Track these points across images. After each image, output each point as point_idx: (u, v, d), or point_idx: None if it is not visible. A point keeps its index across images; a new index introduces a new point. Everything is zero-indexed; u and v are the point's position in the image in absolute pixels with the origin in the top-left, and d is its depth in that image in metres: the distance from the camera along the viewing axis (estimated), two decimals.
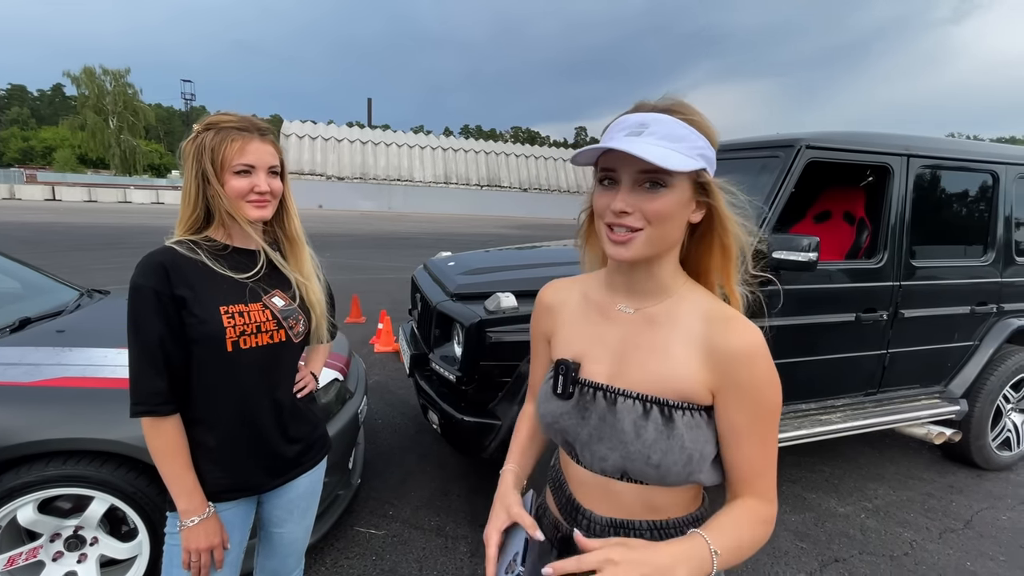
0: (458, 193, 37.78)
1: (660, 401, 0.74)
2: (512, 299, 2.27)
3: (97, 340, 2.08)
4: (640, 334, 0.78)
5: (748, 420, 0.72)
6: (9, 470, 1.61)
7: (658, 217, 0.71)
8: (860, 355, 2.77)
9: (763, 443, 0.73)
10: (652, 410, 0.74)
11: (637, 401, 0.75)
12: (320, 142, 35.19)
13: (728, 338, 0.72)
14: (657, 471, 0.73)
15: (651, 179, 0.70)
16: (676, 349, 0.75)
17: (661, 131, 0.69)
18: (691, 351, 0.74)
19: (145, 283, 1.02)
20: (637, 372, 0.76)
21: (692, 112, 0.73)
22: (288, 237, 1.23)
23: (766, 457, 0.74)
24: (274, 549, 1.29)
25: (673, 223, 0.73)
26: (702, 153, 0.71)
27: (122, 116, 53.26)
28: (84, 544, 1.77)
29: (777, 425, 0.74)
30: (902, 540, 2.53)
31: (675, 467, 0.73)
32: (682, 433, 0.72)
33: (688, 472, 0.73)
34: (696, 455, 0.73)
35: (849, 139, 2.61)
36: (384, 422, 3.55)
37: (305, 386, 1.28)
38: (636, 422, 0.74)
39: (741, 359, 0.71)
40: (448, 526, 2.47)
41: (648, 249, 0.73)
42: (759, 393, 0.71)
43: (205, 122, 1.08)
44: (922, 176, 2.77)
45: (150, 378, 1.03)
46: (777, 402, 0.73)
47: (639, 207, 0.71)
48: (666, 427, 0.73)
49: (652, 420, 0.73)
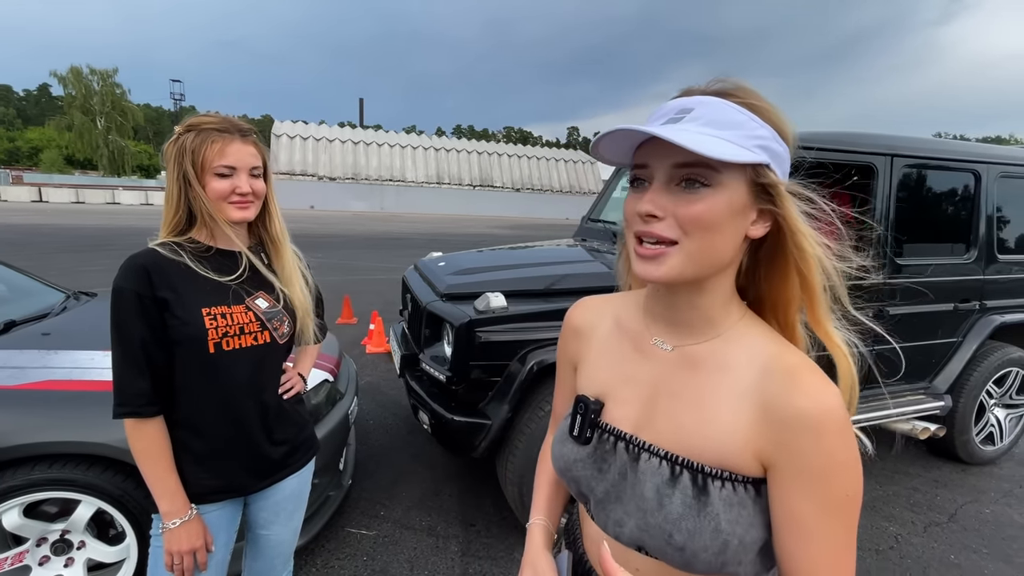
0: (450, 193, 37.74)
1: (693, 466, 0.58)
2: (501, 299, 2.28)
3: (83, 342, 2.07)
4: (677, 378, 0.62)
5: (815, 511, 0.53)
6: None
7: (697, 225, 0.54)
8: None
9: (833, 544, 0.54)
10: (682, 476, 0.58)
11: (665, 462, 0.59)
12: (311, 142, 35.02)
13: (792, 396, 0.54)
14: (681, 555, 0.57)
15: (689, 175, 0.54)
16: (720, 403, 0.58)
17: (707, 115, 0.55)
18: (740, 407, 0.57)
19: (127, 285, 1.03)
20: (668, 425, 0.61)
21: (752, 95, 0.57)
22: (271, 238, 1.23)
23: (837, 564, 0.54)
24: (261, 551, 1.29)
25: (720, 235, 0.56)
26: (763, 145, 0.55)
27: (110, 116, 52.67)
28: (71, 548, 1.75)
29: (853, 525, 0.55)
30: (888, 534, 2.57)
31: (704, 554, 0.56)
32: (718, 511, 0.55)
33: (722, 563, 0.56)
34: (735, 542, 0.55)
35: (834, 139, 2.65)
36: (375, 423, 3.55)
37: (292, 387, 1.27)
38: (660, 488, 0.59)
39: (807, 427, 0.53)
40: (439, 526, 2.48)
41: (686, 268, 0.56)
42: (830, 476, 0.53)
43: (186, 124, 1.08)
44: (906, 175, 2.81)
45: (133, 380, 1.03)
46: (856, 491, 0.54)
47: (672, 211, 0.55)
48: (697, 500, 0.56)
49: (680, 489, 0.57)
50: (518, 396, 2.20)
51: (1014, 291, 3.16)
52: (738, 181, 0.55)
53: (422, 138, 40.37)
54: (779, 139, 0.57)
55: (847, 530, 0.54)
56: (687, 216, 0.55)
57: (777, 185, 0.56)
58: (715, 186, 0.54)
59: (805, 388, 0.54)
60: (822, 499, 0.53)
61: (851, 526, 0.54)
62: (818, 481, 0.53)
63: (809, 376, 0.56)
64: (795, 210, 0.57)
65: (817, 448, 0.53)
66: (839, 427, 0.53)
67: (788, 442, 0.54)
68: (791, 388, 0.55)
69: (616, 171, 3.95)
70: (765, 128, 0.56)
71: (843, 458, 0.53)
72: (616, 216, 3.76)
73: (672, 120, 0.56)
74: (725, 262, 0.58)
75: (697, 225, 0.55)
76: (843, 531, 0.54)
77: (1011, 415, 3.34)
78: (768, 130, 0.56)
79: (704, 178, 0.54)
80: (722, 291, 0.61)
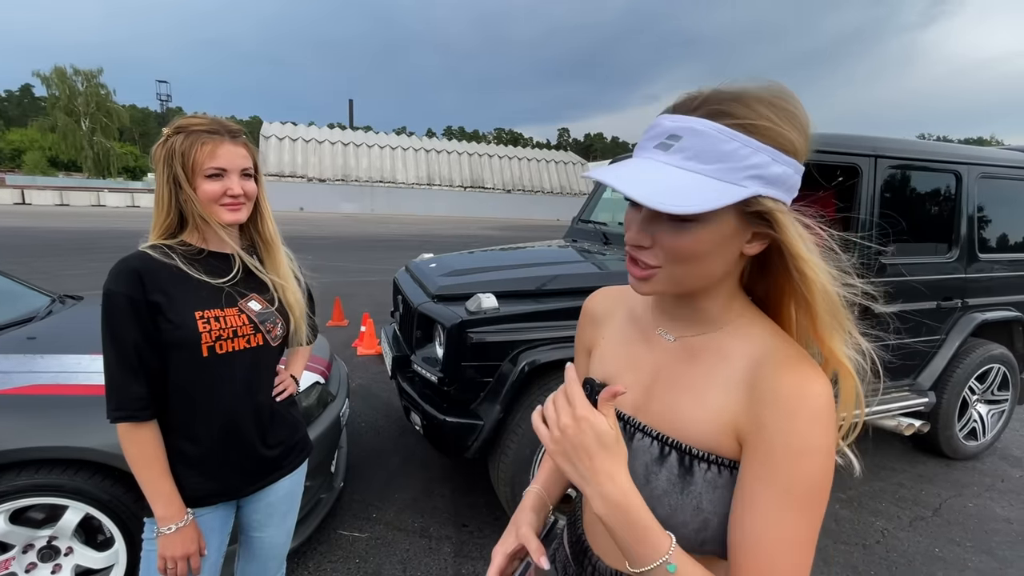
0: (441, 194, 37.68)
1: (681, 447, 0.60)
2: (493, 300, 2.29)
3: (69, 347, 2.04)
4: (676, 366, 0.64)
5: (763, 485, 0.53)
6: None
7: (680, 257, 0.56)
8: None
9: (781, 521, 0.52)
10: (670, 455, 0.61)
11: (656, 441, 0.62)
12: (301, 144, 34.80)
13: (776, 378, 0.55)
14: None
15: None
16: (713, 388, 0.60)
17: (695, 147, 0.53)
18: (730, 392, 0.59)
19: (118, 289, 1.02)
20: (663, 409, 0.63)
21: (750, 111, 0.53)
22: (264, 240, 1.23)
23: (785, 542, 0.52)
24: (254, 554, 1.29)
25: (706, 262, 0.57)
26: (756, 174, 0.52)
27: (95, 117, 51.90)
28: (58, 554, 1.73)
29: (812, 515, 0.53)
30: (874, 528, 2.61)
31: (684, 529, 0.58)
32: (700, 490, 0.58)
33: (701, 540, 0.58)
34: (715, 521, 0.58)
35: (819, 140, 2.69)
36: (367, 424, 3.54)
37: (285, 389, 1.27)
38: (648, 466, 0.62)
39: (782, 406, 0.54)
40: (432, 527, 2.48)
41: (671, 287, 0.59)
42: (792, 459, 0.52)
43: (175, 125, 1.07)
44: (889, 176, 2.86)
45: (128, 384, 1.02)
46: (817, 480, 0.53)
47: (659, 241, 0.56)
48: (681, 479, 0.59)
49: (667, 467, 0.60)
50: (510, 396, 2.21)
51: (994, 289, 3.23)
52: (727, 213, 0.54)
53: (412, 139, 40.28)
54: (782, 157, 0.53)
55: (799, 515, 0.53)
56: (671, 248, 0.56)
57: (772, 212, 0.54)
58: (702, 221, 0.54)
59: (791, 372, 0.55)
60: (779, 480, 0.53)
61: (805, 516, 0.53)
62: (779, 461, 0.53)
63: (800, 364, 0.56)
64: (794, 233, 0.54)
65: (787, 428, 0.53)
66: (815, 414, 0.53)
67: (762, 417, 0.55)
68: (778, 372, 0.56)
69: None
70: (760, 153, 0.52)
71: (811, 445, 0.52)
72: (606, 217, 3.78)
73: (662, 146, 0.55)
74: (716, 278, 0.60)
75: (680, 257, 0.56)
76: (794, 515, 0.53)
77: (993, 411, 3.41)
78: (765, 154, 0.52)
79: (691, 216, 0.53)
80: (722, 295, 0.62)
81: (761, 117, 0.53)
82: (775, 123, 0.53)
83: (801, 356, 0.57)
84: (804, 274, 0.55)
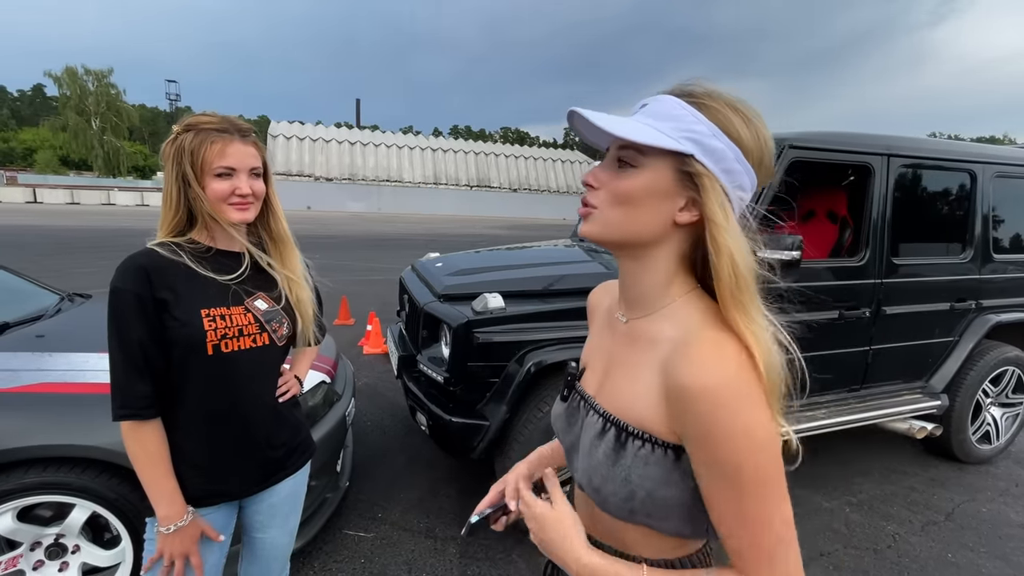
0: (447, 193, 37.72)
1: (619, 424, 0.65)
2: (499, 299, 2.27)
3: (78, 345, 2.05)
4: (623, 349, 0.70)
5: (711, 480, 0.58)
6: None
7: (620, 197, 0.62)
8: (844, 352, 2.81)
9: (739, 513, 0.56)
10: (609, 431, 0.66)
11: (601, 418, 0.68)
12: (308, 143, 34.95)
13: (679, 370, 0.58)
14: (597, 495, 0.67)
15: (621, 156, 0.62)
16: (644, 374, 0.64)
17: (654, 110, 0.62)
18: (653, 379, 0.62)
19: (125, 286, 1.01)
20: (611, 389, 0.69)
21: (709, 96, 0.61)
22: (273, 238, 1.22)
23: (750, 533, 0.57)
24: (257, 555, 1.28)
25: (639, 210, 0.62)
26: (694, 138, 0.59)
27: (105, 117, 52.37)
28: (66, 552, 1.74)
29: (765, 496, 0.56)
30: (885, 533, 2.57)
31: (613, 498, 0.64)
32: (629, 464, 0.63)
33: (630, 509, 0.63)
34: (641, 494, 0.62)
35: (831, 139, 2.65)
36: (373, 424, 3.54)
37: (288, 390, 1.26)
38: (592, 440, 0.68)
39: (690, 400, 0.56)
40: (438, 527, 2.47)
41: (605, 230, 0.64)
42: (715, 448, 0.55)
43: (184, 123, 1.07)
44: (902, 175, 2.81)
45: (133, 381, 1.02)
46: (750, 465, 0.55)
47: (606, 182, 0.64)
48: (614, 453, 0.64)
49: (605, 442, 0.66)
50: (516, 397, 2.20)
51: (1009, 290, 3.17)
52: (663, 166, 0.60)
53: (419, 138, 40.34)
54: (720, 136, 0.59)
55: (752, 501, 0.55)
56: (611, 189, 0.63)
57: (701, 175, 0.59)
58: (640, 168, 0.61)
59: (692, 362, 0.57)
60: (714, 469, 0.57)
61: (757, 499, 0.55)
62: (708, 452, 0.56)
63: (702, 350, 0.58)
64: (715, 200, 0.59)
65: (696, 419, 0.56)
66: (724, 401, 0.54)
67: (680, 413, 0.58)
68: (681, 362, 0.58)
69: None
70: (704, 124, 0.59)
71: (728, 430, 0.54)
72: None
73: (633, 113, 0.64)
74: (647, 236, 0.64)
75: (617, 198, 0.63)
76: (746, 503, 0.56)
77: (1007, 414, 3.36)
78: (707, 126, 0.59)
79: (631, 160, 0.61)
80: (660, 269, 0.66)
81: (714, 101, 0.60)
82: (723, 109, 0.60)
83: (707, 339, 0.59)
84: (715, 239, 0.59)
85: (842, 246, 3.07)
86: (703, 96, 0.61)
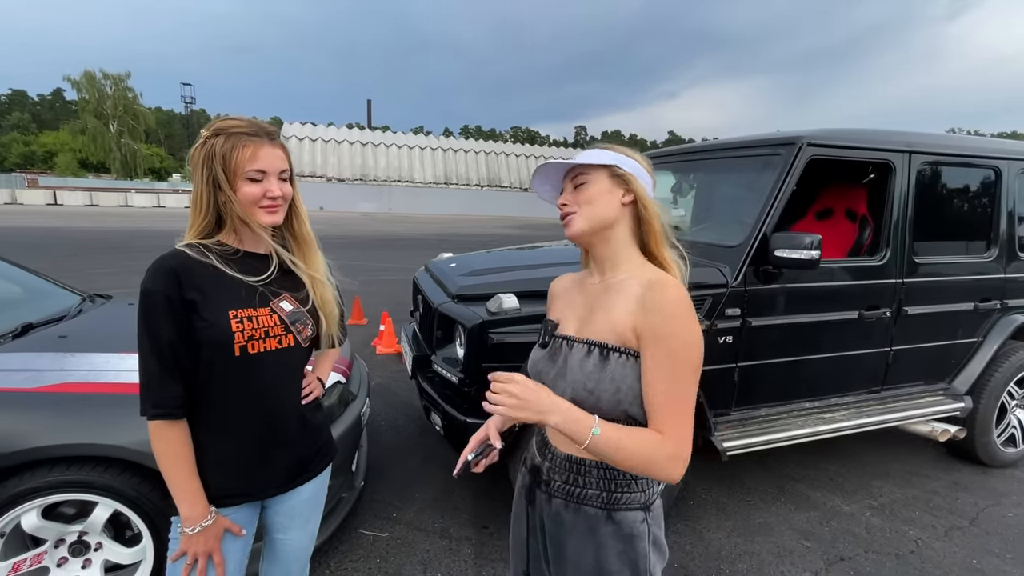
0: (458, 193, 37.78)
1: (601, 344, 0.94)
2: (514, 300, 2.27)
3: (99, 345, 2.08)
4: (600, 298, 1.00)
5: (653, 361, 0.88)
6: (12, 476, 1.61)
7: (584, 201, 0.98)
8: (864, 353, 2.76)
9: (666, 385, 0.88)
10: (594, 351, 0.95)
11: (586, 345, 0.96)
12: (320, 144, 35.21)
13: (653, 293, 0.91)
14: (591, 395, 0.93)
15: (576, 180, 1.00)
16: (619, 308, 0.94)
17: (585, 154, 1.00)
18: (629, 306, 0.93)
19: (155, 287, 1.02)
20: (593, 326, 0.98)
21: (611, 145, 1.02)
22: (297, 239, 1.22)
23: (669, 399, 0.88)
24: (277, 556, 1.29)
25: (599, 204, 0.97)
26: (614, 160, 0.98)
27: (122, 120, 53.32)
28: (88, 550, 1.76)
29: (686, 377, 0.88)
30: (908, 538, 2.52)
31: (605, 394, 0.92)
32: (613, 368, 0.92)
33: (617, 400, 0.92)
34: (624, 387, 0.91)
35: (851, 136, 2.60)
36: (387, 424, 3.55)
37: (311, 392, 1.27)
38: (581, 360, 0.95)
39: (656, 308, 0.89)
40: (452, 528, 2.47)
41: (585, 223, 0.98)
42: (667, 340, 0.88)
43: (213, 127, 1.07)
44: (924, 173, 2.76)
45: (165, 382, 1.03)
46: (687, 355, 0.88)
47: (574, 199, 1.00)
48: (601, 362, 0.93)
49: (592, 358, 0.94)
50: None
51: None
52: (603, 175, 0.98)
53: (430, 139, 40.44)
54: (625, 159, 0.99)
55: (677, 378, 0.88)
56: (579, 200, 0.99)
57: (625, 174, 0.98)
58: (589, 181, 0.99)
59: (662, 288, 0.91)
60: (661, 354, 0.88)
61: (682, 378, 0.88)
62: (660, 342, 0.88)
63: (668, 283, 0.92)
64: (640, 186, 0.98)
65: (661, 320, 0.88)
66: (679, 311, 0.89)
67: (647, 319, 0.90)
68: (654, 288, 0.92)
69: None
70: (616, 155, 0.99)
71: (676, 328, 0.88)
72: None
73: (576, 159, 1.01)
74: (610, 219, 0.98)
75: (585, 201, 0.98)
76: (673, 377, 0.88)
77: None
78: (618, 155, 0.99)
79: (583, 180, 0.99)
80: (619, 243, 1.00)
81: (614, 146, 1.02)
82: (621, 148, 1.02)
83: (665, 280, 0.94)
84: (645, 206, 0.99)
85: (861, 245, 3.01)
86: (608, 145, 1.02)
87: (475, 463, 1.03)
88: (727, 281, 2.38)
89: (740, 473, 3.05)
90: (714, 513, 2.67)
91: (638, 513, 0.96)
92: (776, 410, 2.68)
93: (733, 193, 3.01)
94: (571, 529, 0.98)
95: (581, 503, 0.97)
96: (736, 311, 2.42)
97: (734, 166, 2.92)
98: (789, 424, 2.61)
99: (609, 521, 0.95)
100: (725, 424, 2.54)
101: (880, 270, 2.70)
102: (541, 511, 1.05)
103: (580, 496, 0.97)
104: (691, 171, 3.41)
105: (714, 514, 2.66)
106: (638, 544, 0.95)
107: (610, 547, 0.95)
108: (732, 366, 2.49)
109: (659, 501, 1.01)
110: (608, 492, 0.96)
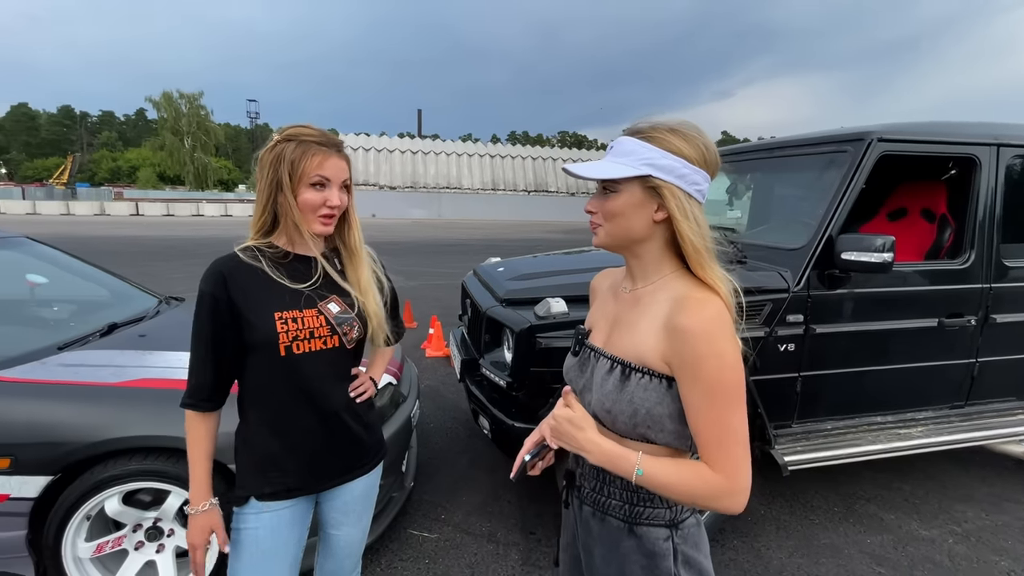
0: (506, 199, 38.05)
1: (624, 363, 0.88)
2: (562, 304, 2.24)
3: (173, 344, 2.23)
4: (628, 311, 0.93)
5: (691, 394, 0.80)
6: (98, 464, 1.75)
7: (610, 215, 0.88)
8: (944, 364, 2.54)
9: (710, 417, 0.79)
10: (616, 369, 0.89)
11: (608, 360, 0.91)
12: (373, 153, 36.48)
13: (678, 316, 0.81)
14: (608, 416, 0.88)
15: (605, 186, 0.88)
16: (645, 325, 0.87)
17: (617, 149, 0.87)
18: (654, 326, 0.85)
19: (206, 289, 1.10)
20: (618, 341, 0.92)
21: (652, 130, 0.85)
22: (348, 248, 1.26)
23: (711, 429, 0.80)
24: (332, 550, 1.32)
25: (627, 219, 0.87)
26: (650, 162, 0.83)
27: (195, 136, 57.53)
28: (162, 535, 1.89)
29: (730, 404, 0.79)
30: (999, 569, 2.29)
31: (621, 416, 0.87)
32: (632, 390, 0.85)
33: (634, 424, 0.86)
34: (642, 411, 0.85)
35: (928, 130, 2.41)
36: (436, 426, 3.60)
37: (364, 391, 1.30)
38: (603, 376, 0.91)
39: (684, 335, 0.79)
40: (499, 532, 2.47)
41: (608, 239, 0.91)
42: (699, 369, 0.78)
43: (285, 133, 1.12)
44: (1014, 167, 2.51)
45: (198, 375, 1.12)
46: (723, 380, 0.78)
47: (600, 207, 0.90)
48: (622, 383, 0.87)
49: (613, 376, 0.89)
50: None
51: None
52: (633, 186, 0.85)
53: (477, 146, 41.05)
54: (667, 155, 0.83)
55: (720, 408, 0.79)
56: (603, 210, 0.89)
57: (660, 186, 0.84)
58: (618, 192, 0.87)
59: (689, 310, 0.81)
60: (696, 385, 0.79)
61: (725, 406, 0.79)
62: (692, 372, 0.79)
63: (692, 303, 0.81)
64: (673, 202, 0.84)
65: (691, 349, 0.79)
66: (707, 334, 0.78)
67: (676, 347, 0.81)
68: (679, 310, 0.82)
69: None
70: (653, 151, 0.83)
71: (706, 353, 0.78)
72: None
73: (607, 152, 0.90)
74: (638, 236, 0.89)
75: (610, 215, 0.89)
76: (716, 410, 0.79)
77: None
78: (656, 151, 0.83)
79: (612, 187, 0.87)
80: (651, 254, 0.91)
81: (657, 132, 0.85)
82: (664, 135, 0.84)
83: (695, 297, 0.83)
84: (679, 228, 0.85)
85: (940, 247, 2.78)
86: (648, 130, 0.86)
87: (531, 465, 1.01)
88: (788, 286, 2.26)
89: (803, 490, 2.88)
90: (774, 531, 2.53)
91: (661, 530, 0.90)
92: (843, 424, 2.51)
93: (795, 193, 2.86)
94: (598, 538, 0.96)
95: (606, 513, 0.94)
96: (799, 317, 2.29)
97: (796, 165, 2.77)
98: (858, 439, 2.44)
99: (631, 535, 0.91)
100: (787, 437, 2.40)
101: (964, 274, 2.48)
102: (576, 516, 1.04)
103: (605, 506, 0.94)
104: (747, 171, 3.27)
105: (774, 532, 2.52)
106: (661, 563, 0.89)
107: (634, 561, 0.91)
108: (794, 375, 2.36)
109: (693, 519, 0.93)
110: (631, 505, 0.91)
